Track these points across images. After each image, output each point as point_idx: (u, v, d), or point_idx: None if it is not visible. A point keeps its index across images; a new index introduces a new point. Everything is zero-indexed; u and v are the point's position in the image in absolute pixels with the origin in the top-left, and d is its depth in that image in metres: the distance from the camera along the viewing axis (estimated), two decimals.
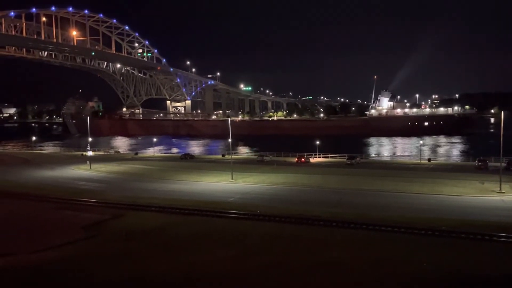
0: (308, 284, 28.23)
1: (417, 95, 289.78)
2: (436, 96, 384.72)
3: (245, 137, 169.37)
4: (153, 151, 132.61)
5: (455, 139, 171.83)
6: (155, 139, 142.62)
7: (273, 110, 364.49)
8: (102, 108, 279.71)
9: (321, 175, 76.27)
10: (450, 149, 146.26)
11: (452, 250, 34.24)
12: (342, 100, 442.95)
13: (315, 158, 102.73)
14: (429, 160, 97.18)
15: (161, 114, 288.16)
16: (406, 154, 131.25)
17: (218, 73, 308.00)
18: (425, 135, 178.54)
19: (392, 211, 46.72)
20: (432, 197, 54.85)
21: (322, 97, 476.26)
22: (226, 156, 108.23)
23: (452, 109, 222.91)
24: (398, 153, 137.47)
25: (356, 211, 47.03)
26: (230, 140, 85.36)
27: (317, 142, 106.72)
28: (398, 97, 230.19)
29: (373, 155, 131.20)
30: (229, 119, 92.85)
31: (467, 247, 35.34)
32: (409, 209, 48.05)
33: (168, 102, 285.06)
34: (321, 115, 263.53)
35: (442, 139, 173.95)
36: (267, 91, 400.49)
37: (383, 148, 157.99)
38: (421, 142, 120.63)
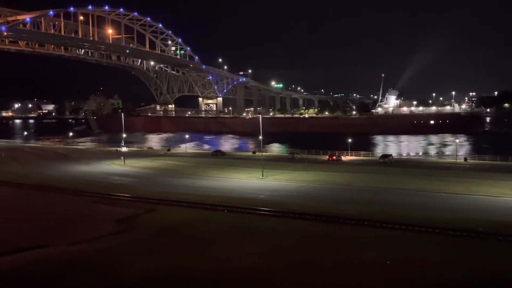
0: (336, 283, 27.93)
1: (454, 93, 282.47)
2: (474, 93, 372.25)
3: (276, 134, 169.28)
4: (185, 148, 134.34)
5: (462, 138, 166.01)
6: (187, 136, 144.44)
7: (304, 108, 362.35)
8: (121, 105, 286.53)
9: (353, 173, 75.37)
10: (459, 148, 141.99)
11: (489, 253, 33.13)
12: (375, 97, 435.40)
13: (346, 156, 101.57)
14: (465, 159, 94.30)
15: (194, 111, 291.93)
16: (447, 153, 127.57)
17: (250, 70, 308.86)
18: (431, 133, 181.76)
19: (426, 211, 45.61)
20: (468, 197, 53.24)
21: (355, 95, 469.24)
22: (257, 153, 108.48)
23: (460, 108, 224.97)
24: (432, 152, 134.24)
25: (389, 210, 46.17)
26: (261, 137, 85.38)
27: (349, 140, 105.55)
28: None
29: (405, 154, 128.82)
30: (260, 116, 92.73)
31: (504, 249, 34.12)
32: (444, 209, 46.79)
33: (200, 99, 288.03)
34: (354, 112, 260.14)
35: (448, 138, 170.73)
36: (299, 88, 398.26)
37: (390, 147, 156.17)
38: (457, 141, 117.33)
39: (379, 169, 79.93)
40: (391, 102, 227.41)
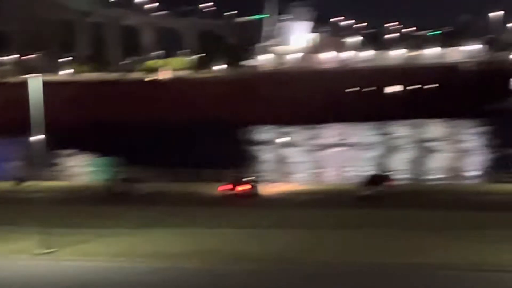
0: None
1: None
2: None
3: (84, 126, 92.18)
4: None
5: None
6: None
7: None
8: None
9: (295, 229, 29.43)
10: None
11: None
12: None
13: (275, 184, 45.70)
14: None
15: None
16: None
17: None
18: (392, 119, 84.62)
19: None
20: None
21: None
22: (28, 183, 45.70)
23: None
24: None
25: None
26: (36, 137, 30.31)
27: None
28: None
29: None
30: (31, 79, 33.71)
31: None
32: None
33: None
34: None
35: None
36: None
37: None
38: None
39: (356, 216, 31.63)
40: (298, 40, 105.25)
